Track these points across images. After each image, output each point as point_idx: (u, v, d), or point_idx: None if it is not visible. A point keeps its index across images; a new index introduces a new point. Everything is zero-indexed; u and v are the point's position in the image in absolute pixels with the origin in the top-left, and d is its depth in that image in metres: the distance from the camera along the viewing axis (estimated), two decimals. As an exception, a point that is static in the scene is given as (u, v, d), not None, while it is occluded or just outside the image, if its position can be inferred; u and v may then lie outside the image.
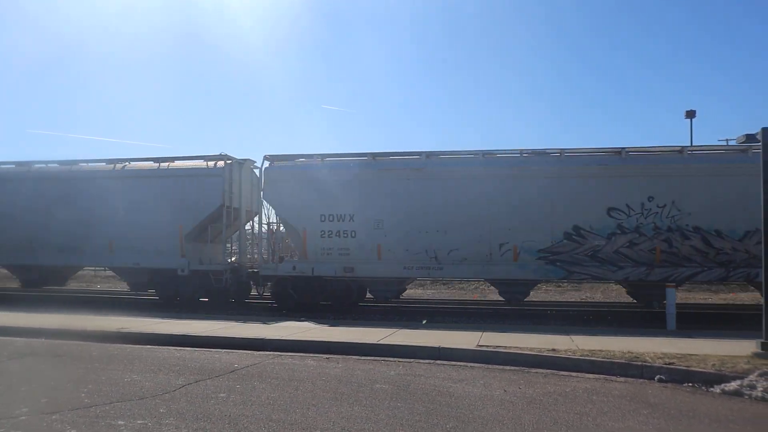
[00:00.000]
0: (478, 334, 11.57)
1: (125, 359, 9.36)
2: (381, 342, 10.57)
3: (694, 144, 22.38)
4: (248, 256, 19.66)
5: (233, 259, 19.29)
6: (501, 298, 17.82)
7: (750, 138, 9.89)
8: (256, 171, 18.63)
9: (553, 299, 22.52)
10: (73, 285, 25.15)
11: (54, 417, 6.04)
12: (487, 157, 16.22)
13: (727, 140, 36.73)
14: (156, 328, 12.20)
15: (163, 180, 18.26)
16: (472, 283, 27.19)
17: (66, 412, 6.20)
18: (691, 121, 31.25)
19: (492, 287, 18.16)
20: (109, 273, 29.52)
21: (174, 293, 18.33)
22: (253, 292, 19.62)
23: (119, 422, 5.89)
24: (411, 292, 25.47)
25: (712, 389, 7.70)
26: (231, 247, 20.43)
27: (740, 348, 9.54)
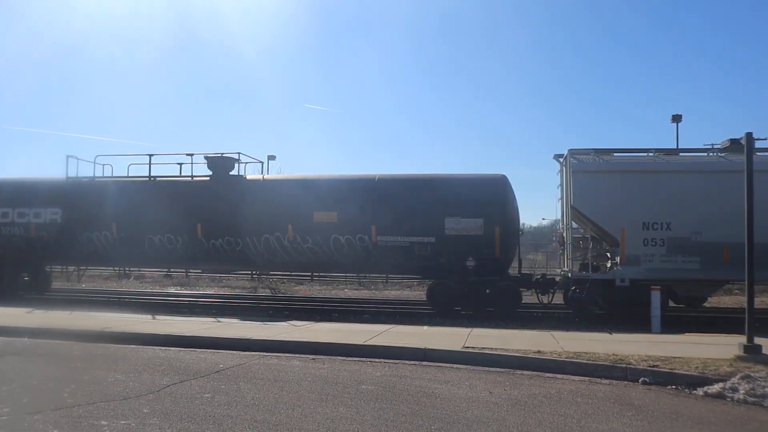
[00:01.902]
0: (465, 335, 11.59)
1: (109, 359, 9.29)
2: (367, 343, 10.56)
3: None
4: None
5: None
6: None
7: (734, 142, 9.97)
8: None
9: (536, 301, 22.57)
10: (57, 284, 24.90)
11: (36, 417, 5.97)
12: None
13: (712, 144, 37.08)
14: (141, 328, 12.10)
15: None
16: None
17: (48, 412, 6.14)
18: (677, 125, 31.49)
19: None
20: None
21: None
22: None
23: (102, 422, 5.83)
24: (398, 293, 25.50)
25: (695, 392, 7.77)
26: None
27: (723, 351, 9.63)
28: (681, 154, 16.34)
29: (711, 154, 15.64)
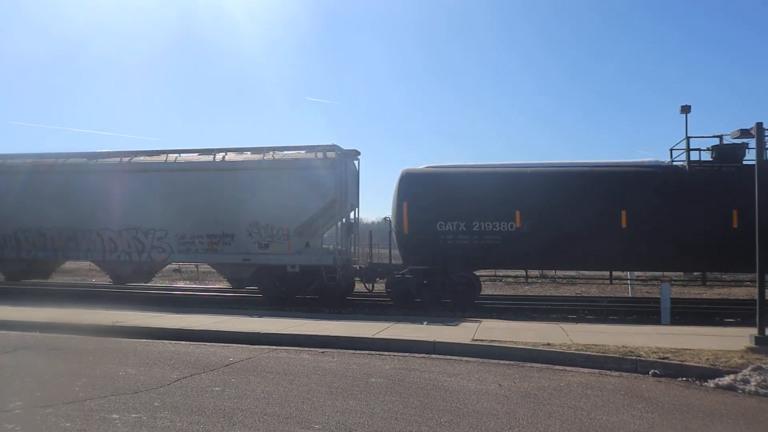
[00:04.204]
0: (473, 328, 11.59)
1: (120, 353, 9.35)
2: (376, 336, 10.58)
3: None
4: None
5: None
6: (496, 292, 17.69)
7: (744, 132, 9.89)
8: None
9: (548, 293, 22.57)
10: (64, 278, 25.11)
11: (48, 411, 6.02)
12: None
13: (721, 136, 36.81)
14: (151, 322, 12.18)
15: None
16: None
17: (60, 406, 6.18)
18: (686, 116, 31.29)
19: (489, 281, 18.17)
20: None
21: None
22: None
23: (114, 416, 5.87)
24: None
25: (705, 383, 7.73)
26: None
27: (734, 342, 9.59)
28: None
29: None
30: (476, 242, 15.60)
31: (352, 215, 18.16)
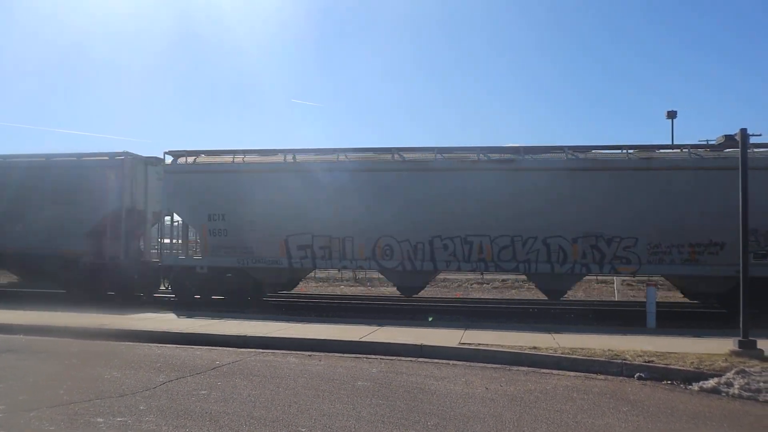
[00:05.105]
0: (461, 332, 11.61)
1: (105, 356, 9.28)
2: (363, 339, 10.57)
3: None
4: None
5: None
6: (483, 296, 17.67)
7: (729, 138, 10.02)
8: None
9: (535, 297, 22.64)
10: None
11: (32, 414, 5.97)
12: None
13: (707, 140, 37.26)
14: (137, 325, 12.09)
15: None
16: (455, 281, 27.28)
17: (44, 410, 6.13)
18: (672, 121, 31.64)
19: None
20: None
21: None
22: None
23: (98, 419, 5.83)
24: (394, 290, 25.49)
25: (690, 387, 7.80)
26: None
27: (718, 346, 9.67)
28: None
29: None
30: None
31: None
